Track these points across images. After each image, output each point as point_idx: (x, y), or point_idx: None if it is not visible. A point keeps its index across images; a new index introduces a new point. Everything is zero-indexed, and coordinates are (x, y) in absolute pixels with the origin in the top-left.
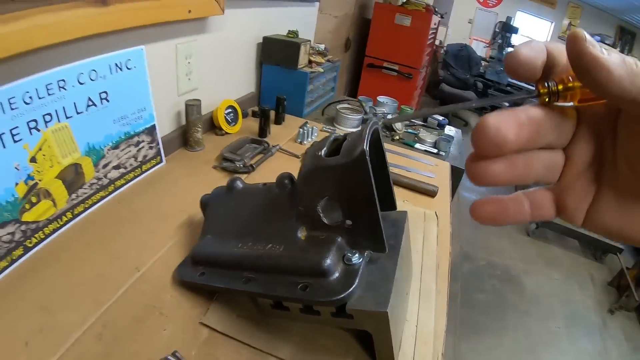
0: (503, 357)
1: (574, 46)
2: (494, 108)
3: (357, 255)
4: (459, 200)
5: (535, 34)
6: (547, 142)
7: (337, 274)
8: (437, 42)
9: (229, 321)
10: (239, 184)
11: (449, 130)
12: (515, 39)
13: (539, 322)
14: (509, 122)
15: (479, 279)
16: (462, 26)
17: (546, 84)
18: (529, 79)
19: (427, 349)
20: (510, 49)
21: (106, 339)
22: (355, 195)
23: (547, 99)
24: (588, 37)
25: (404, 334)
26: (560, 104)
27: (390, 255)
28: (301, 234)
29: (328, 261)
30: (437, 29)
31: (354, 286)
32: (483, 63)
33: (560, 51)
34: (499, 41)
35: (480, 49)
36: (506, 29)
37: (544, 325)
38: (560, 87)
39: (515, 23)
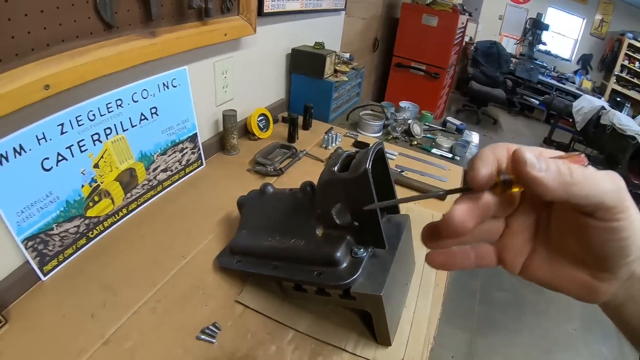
0: (518, 356)
1: (517, 167)
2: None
3: (362, 250)
4: None
5: (566, 30)
6: (493, 216)
7: (345, 264)
8: (467, 39)
9: (259, 300)
10: (270, 189)
11: (467, 135)
12: (546, 36)
13: (556, 323)
14: (471, 214)
15: (498, 277)
16: (493, 22)
17: (502, 178)
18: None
19: (421, 332)
20: (540, 46)
21: (159, 312)
22: (361, 203)
23: (500, 191)
24: (528, 159)
25: (402, 318)
26: (511, 191)
27: (390, 252)
28: (319, 231)
29: (339, 254)
30: (464, 28)
31: (357, 274)
32: (513, 60)
33: (504, 156)
34: (530, 38)
35: (511, 46)
36: (537, 25)
37: (561, 326)
38: (512, 178)
39: (546, 19)
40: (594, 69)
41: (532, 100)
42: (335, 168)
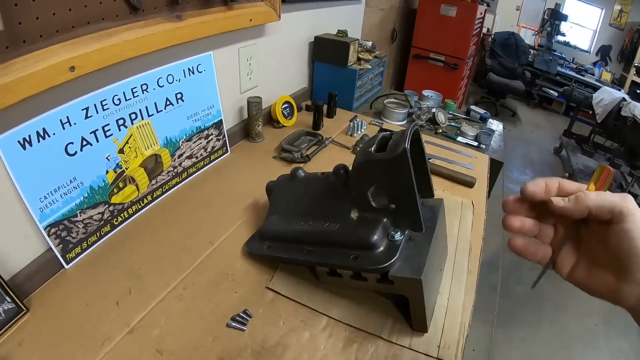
0: (537, 349)
1: (550, 207)
2: None
3: (399, 233)
4: (504, 192)
5: (585, 21)
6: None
7: (382, 248)
8: (484, 30)
9: (290, 286)
10: (301, 173)
11: (491, 123)
12: (564, 27)
13: (575, 317)
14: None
15: (519, 271)
16: (510, 13)
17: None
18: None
19: (455, 319)
20: (559, 37)
21: (186, 299)
22: (398, 184)
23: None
24: (554, 199)
25: (437, 305)
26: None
27: (426, 235)
28: (353, 214)
29: (375, 237)
30: (483, 18)
31: (395, 257)
32: (531, 51)
33: (555, 187)
34: (548, 29)
35: (529, 37)
36: (555, 16)
37: (581, 321)
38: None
39: (564, 10)
40: (614, 60)
41: (551, 92)
42: (372, 149)
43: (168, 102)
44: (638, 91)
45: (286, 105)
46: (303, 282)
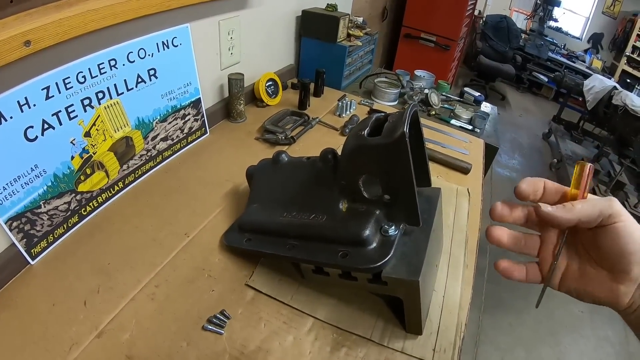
0: (524, 335)
1: (538, 213)
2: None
3: (393, 227)
4: (492, 177)
5: (577, 7)
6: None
7: (374, 244)
8: (476, 12)
9: (272, 284)
10: (284, 157)
11: (485, 106)
12: (557, 12)
13: (563, 304)
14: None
15: (507, 255)
16: None
17: None
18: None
19: (452, 319)
20: (551, 23)
21: (159, 298)
22: (395, 173)
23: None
24: (542, 206)
25: (432, 303)
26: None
27: (424, 229)
28: (342, 205)
29: (367, 232)
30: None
31: (389, 255)
32: (523, 36)
33: (541, 187)
34: (541, 14)
35: (521, 21)
36: (548, 1)
37: (568, 308)
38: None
39: None
40: (605, 49)
41: (541, 77)
42: (365, 132)
43: (140, 79)
44: (628, 80)
45: (270, 82)
46: (286, 279)
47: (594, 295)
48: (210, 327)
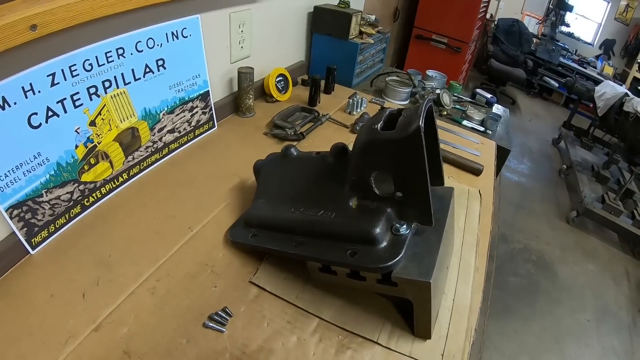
0: (529, 342)
1: None
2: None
3: (405, 226)
4: (501, 181)
5: (590, 13)
6: None
7: (385, 243)
8: (487, 16)
9: (277, 282)
10: (294, 152)
11: (497, 108)
12: (569, 17)
13: (569, 312)
14: None
15: (514, 262)
16: (515, 0)
17: None
18: None
19: (462, 323)
20: (563, 28)
21: (159, 293)
22: (408, 169)
23: None
24: None
25: (441, 306)
26: None
27: (436, 229)
28: (353, 202)
29: (377, 230)
30: (488, 2)
31: (400, 255)
32: (534, 40)
33: None
34: (553, 18)
35: (533, 26)
36: (560, 5)
37: (574, 316)
38: None
39: (570, 0)
40: (617, 55)
41: (552, 82)
42: (378, 126)
43: (148, 70)
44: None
45: (281, 78)
46: (292, 277)
47: None
48: (211, 324)
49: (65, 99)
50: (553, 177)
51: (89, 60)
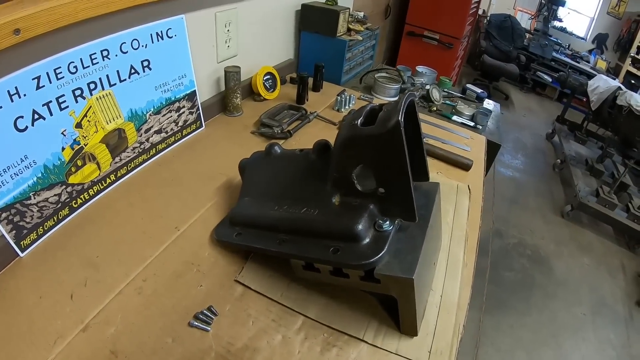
0: (525, 337)
1: None
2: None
3: (387, 222)
4: (495, 175)
5: (582, 7)
6: None
7: (367, 240)
8: (480, 11)
9: (262, 280)
10: (277, 149)
11: (487, 103)
12: (561, 12)
13: (564, 306)
14: None
15: (509, 257)
16: None
17: None
18: None
19: (450, 319)
20: (556, 22)
21: (146, 293)
22: (389, 164)
23: None
24: None
25: (428, 303)
26: None
27: (420, 225)
28: (335, 199)
29: (360, 226)
30: None
31: (383, 252)
32: (527, 35)
33: None
34: (545, 13)
35: (525, 21)
36: (553, 0)
37: (570, 310)
38: None
39: None
40: (609, 50)
41: (545, 77)
42: (358, 122)
43: (133, 71)
44: (633, 81)
45: (268, 76)
46: (277, 275)
47: None
48: (196, 323)
49: (50, 101)
50: (547, 171)
51: (73, 62)
